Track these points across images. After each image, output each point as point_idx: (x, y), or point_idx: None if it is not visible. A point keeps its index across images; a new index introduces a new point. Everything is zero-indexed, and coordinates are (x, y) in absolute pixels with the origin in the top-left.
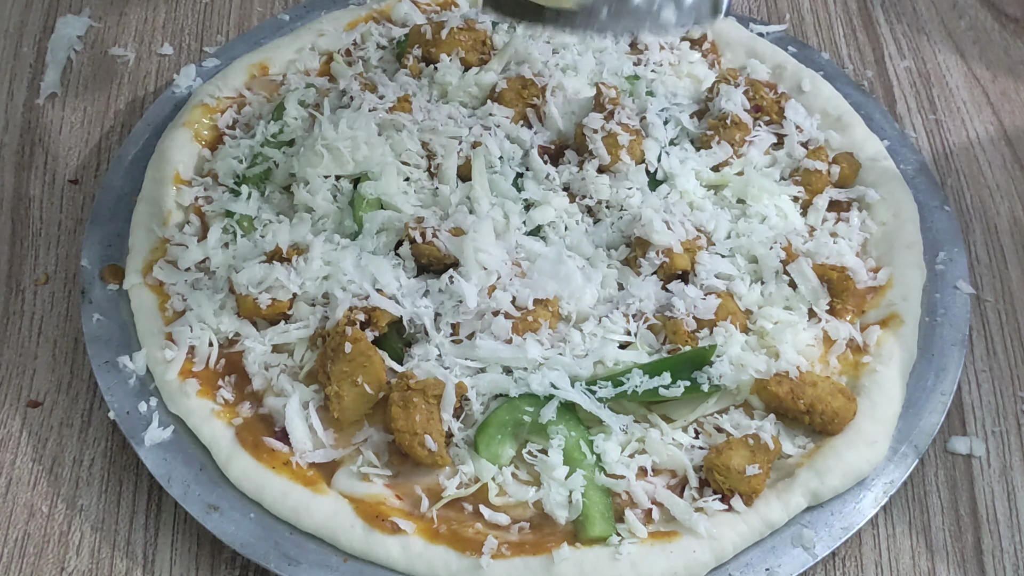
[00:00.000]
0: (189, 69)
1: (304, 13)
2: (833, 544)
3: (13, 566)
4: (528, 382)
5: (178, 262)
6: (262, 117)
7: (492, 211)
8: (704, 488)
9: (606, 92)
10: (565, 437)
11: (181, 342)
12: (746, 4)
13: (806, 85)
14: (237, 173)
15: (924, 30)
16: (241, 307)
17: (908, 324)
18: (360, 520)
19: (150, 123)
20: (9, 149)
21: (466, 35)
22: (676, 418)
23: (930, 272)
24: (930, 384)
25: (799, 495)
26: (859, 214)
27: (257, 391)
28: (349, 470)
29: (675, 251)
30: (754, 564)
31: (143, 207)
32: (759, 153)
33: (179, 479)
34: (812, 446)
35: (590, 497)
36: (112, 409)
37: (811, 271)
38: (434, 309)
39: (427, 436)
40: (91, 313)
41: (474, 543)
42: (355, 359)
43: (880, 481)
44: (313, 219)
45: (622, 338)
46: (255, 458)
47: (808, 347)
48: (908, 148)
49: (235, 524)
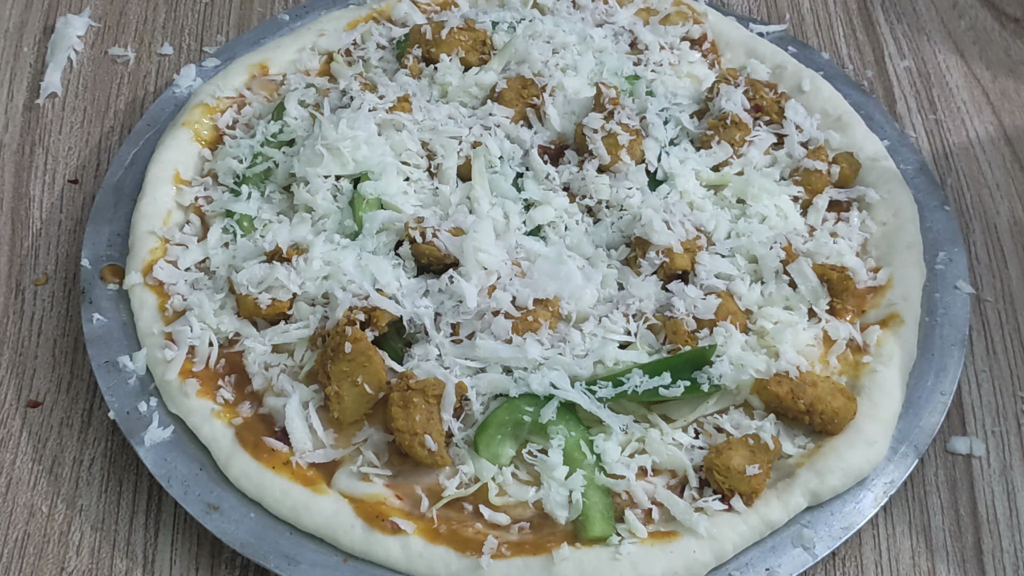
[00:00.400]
0: (189, 69)
1: (304, 13)
2: (833, 544)
3: (13, 566)
4: (528, 382)
5: (178, 262)
6: (262, 117)
7: (492, 211)
8: (704, 488)
9: (606, 92)
10: (565, 437)
11: (181, 342)
12: (746, 4)
13: (806, 85)
14: (237, 173)
15: (924, 30)
16: (241, 307)
17: (908, 324)
18: (360, 520)
19: (150, 123)
20: (9, 149)
21: (466, 35)
22: (676, 418)
23: (930, 272)
24: (930, 384)
25: (799, 495)
26: (859, 214)
27: (257, 391)
28: (349, 470)
29: (675, 251)
30: (754, 564)
31: (143, 207)
32: (759, 153)
33: (179, 479)
34: (812, 446)
35: (590, 497)
36: (112, 409)
37: (811, 271)
38: (434, 309)
39: (427, 436)
40: (91, 313)
41: (474, 543)
42: (355, 359)
43: (880, 481)
44: (313, 219)
45: (622, 338)
46: (255, 458)
47: (808, 347)
48: (908, 148)
49: (235, 524)
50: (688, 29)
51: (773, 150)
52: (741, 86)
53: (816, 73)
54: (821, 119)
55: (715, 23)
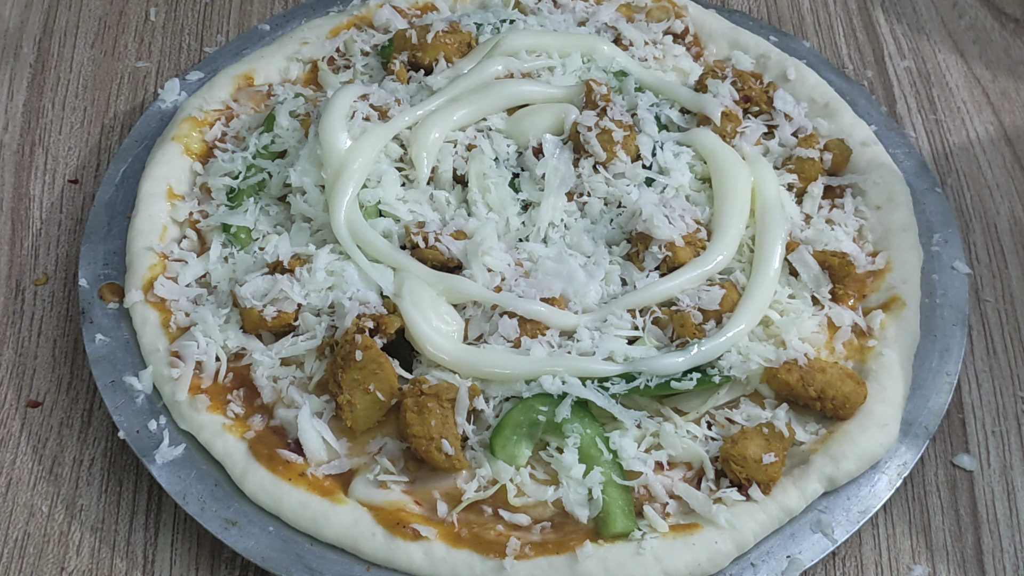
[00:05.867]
0: (173, 83)
1: (284, 22)
2: (852, 528)
3: (13, 566)
4: (540, 381)
5: (178, 278)
6: (252, 129)
7: (491, 213)
8: (720, 479)
9: (597, 89)
10: (580, 435)
11: (187, 358)
12: (746, 4)
13: (791, 74)
14: (231, 186)
15: (924, 30)
16: (246, 320)
17: (910, 306)
18: (381, 528)
19: (137, 139)
20: (9, 149)
21: (451, 38)
22: (688, 411)
23: (926, 254)
24: (935, 365)
25: (815, 481)
26: (853, 200)
27: (267, 403)
28: (366, 478)
29: (676, 244)
30: (775, 552)
31: (138, 223)
32: (751, 143)
33: (195, 496)
34: (824, 432)
35: (609, 494)
36: (121, 429)
37: (812, 258)
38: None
39: (444, 440)
40: (93, 333)
41: (497, 545)
42: (366, 367)
43: (894, 463)
44: (311, 229)
45: (629, 333)
46: (270, 471)
47: (813, 334)
48: (895, 132)
49: (255, 539)
50: (671, 24)
51: (764, 140)
52: (729, 78)
53: (800, 61)
54: (808, 107)
55: (696, 16)
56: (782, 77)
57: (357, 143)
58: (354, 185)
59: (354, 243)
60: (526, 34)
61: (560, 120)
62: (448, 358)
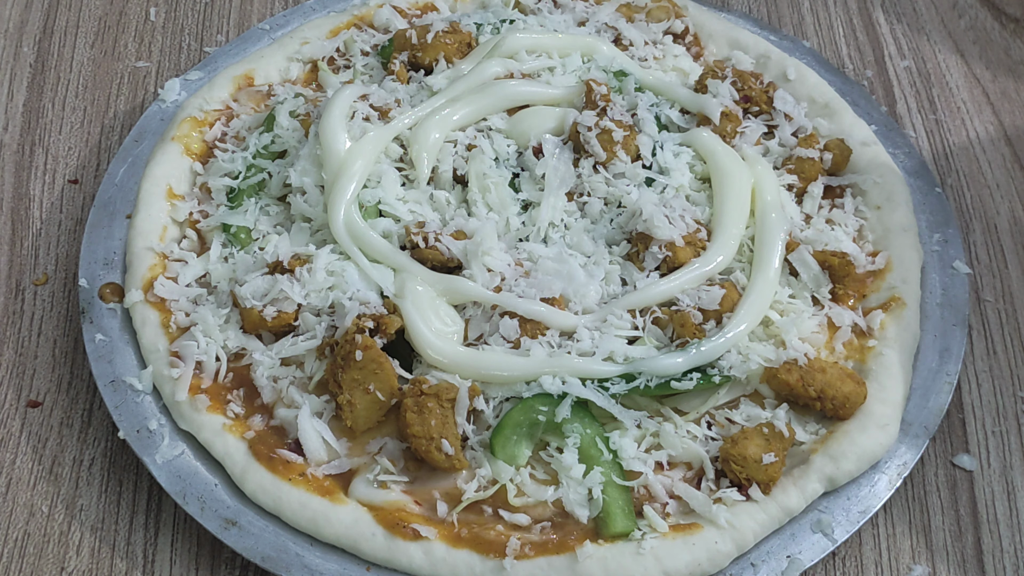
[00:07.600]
0: (173, 83)
1: (284, 22)
2: (851, 528)
3: (13, 566)
4: (540, 382)
5: (178, 278)
6: (252, 129)
7: (491, 213)
8: (720, 479)
9: (597, 89)
10: (580, 435)
11: (187, 358)
12: (746, 4)
13: (791, 74)
14: (231, 186)
15: (924, 30)
16: (246, 320)
17: (910, 306)
18: (381, 528)
19: (137, 139)
20: (9, 149)
21: (452, 38)
22: (688, 411)
23: (926, 254)
24: (935, 365)
25: (815, 481)
26: (853, 200)
27: (267, 403)
28: (366, 478)
29: (677, 244)
30: (775, 552)
31: (139, 223)
32: (750, 143)
33: (194, 496)
34: (824, 432)
35: (609, 494)
36: (121, 428)
37: (812, 258)
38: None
39: (444, 440)
40: (93, 333)
41: (497, 545)
42: (366, 366)
43: (894, 464)
44: (312, 229)
45: (629, 333)
46: (270, 471)
47: (813, 334)
48: (895, 132)
49: (255, 538)
50: (671, 24)
51: (764, 140)
52: (729, 78)
53: (799, 61)
54: (808, 107)
55: (696, 16)
56: (782, 77)
57: (357, 144)
58: (354, 186)
59: (353, 244)
60: (526, 34)
61: (560, 120)
62: (448, 362)
